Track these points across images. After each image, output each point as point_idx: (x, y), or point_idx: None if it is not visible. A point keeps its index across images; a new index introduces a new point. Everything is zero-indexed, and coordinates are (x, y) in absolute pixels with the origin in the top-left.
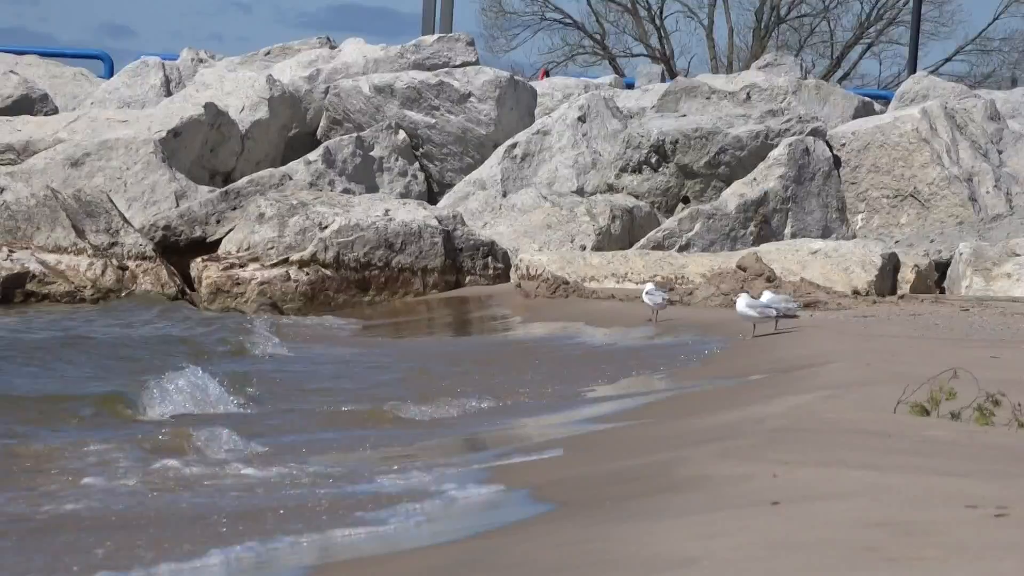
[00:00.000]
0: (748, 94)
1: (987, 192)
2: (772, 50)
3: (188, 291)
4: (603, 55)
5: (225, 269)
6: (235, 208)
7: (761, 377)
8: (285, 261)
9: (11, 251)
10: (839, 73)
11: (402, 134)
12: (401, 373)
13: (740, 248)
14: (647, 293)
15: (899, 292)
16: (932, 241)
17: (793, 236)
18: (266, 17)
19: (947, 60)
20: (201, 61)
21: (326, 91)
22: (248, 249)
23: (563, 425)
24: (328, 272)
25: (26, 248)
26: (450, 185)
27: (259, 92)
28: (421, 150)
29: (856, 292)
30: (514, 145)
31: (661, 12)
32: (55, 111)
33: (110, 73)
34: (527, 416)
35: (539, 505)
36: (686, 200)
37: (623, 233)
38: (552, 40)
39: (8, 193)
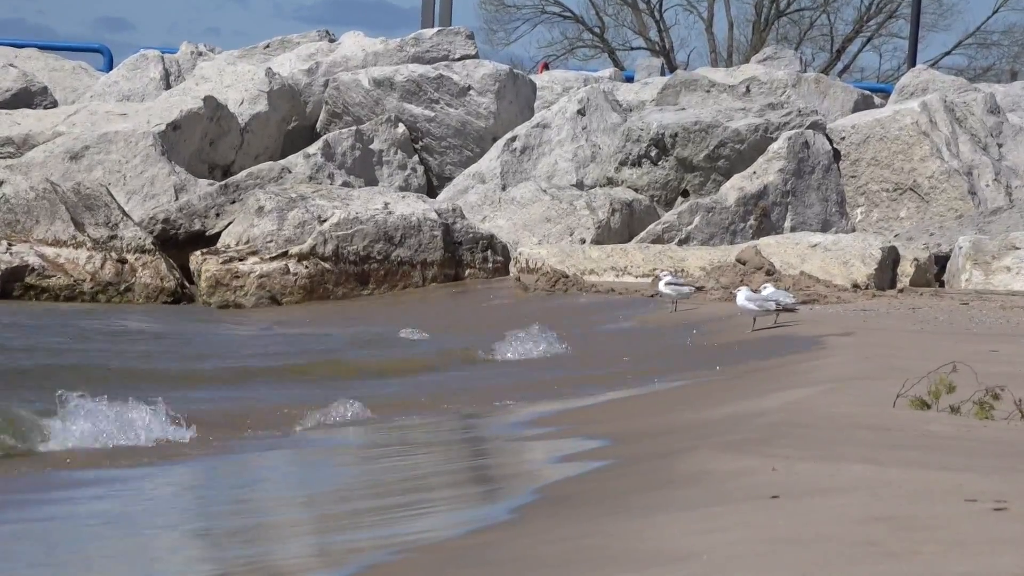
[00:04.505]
0: (748, 87)
1: (987, 185)
2: (772, 43)
3: (187, 284)
4: (603, 48)
5: (224, 262)
6: (234, 201)
7: (760, 371)
8: (284, 254)
9: (10, 244)
10: (839, 66)
11: (401, 127)
12: None
13: (739, 242)
14: (667, 284)
15: (899, 286)
16: (932, 235)
17: (793, 230)
18: (264, 11)
19: (947, 53)
20: (200, 55)
21: (325, 84)
22: (247, 242)
23: (556, 415)
24: (327, 265)
25: (25, 241)
26: (449, 178)
27: (258, 85)
28: (420, 143)
29: (855, 286)
30: (513, 138)
31: (661, 5)
32: (54, 104)
33: (109, 66)
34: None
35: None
36: (685, 193)
37: (622, 227)
38: (552, 33)
39: (7, 186)
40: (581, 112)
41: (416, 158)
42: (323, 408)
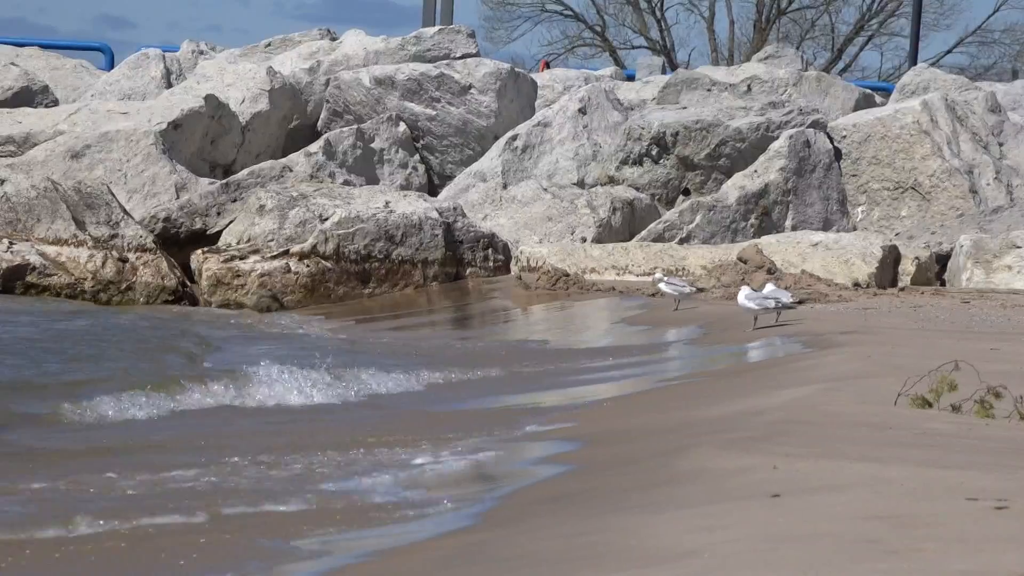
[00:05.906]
0: (749, 86)
1: (988, 184)
2: (773, 42)
3: (188, 283)
4: (604, 47)
5: (225, 261)
6: (235, 200)
7: (760, 369)
8: (285, 253)
9: (11, 243)
10: (840, 65)
11: (402, 126)
12: None
13: (741, 240)
14: (667, 283)
15: (900, 284)
16: (933, 233)
17: (794, 228)
18: (265, 9)
19: (948, 52)
20: (202, 53)
21: (327, 83)
22: (248, 241)
23: (549, 411)
24: (328, 264)
25: (26, 240)
26: (450, 177)
27: (260, 84)
28: (422, 142)
29: (857, 284)
30: (514, 137)
31: (662, 4)
32: (56, 103)
33: (111, 65)
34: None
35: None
36: (687, 192)
37: (623, 225)
38: (552, 32)
39: (8, 185)
40: (582, 111)
41: (417, 157)
42: None
